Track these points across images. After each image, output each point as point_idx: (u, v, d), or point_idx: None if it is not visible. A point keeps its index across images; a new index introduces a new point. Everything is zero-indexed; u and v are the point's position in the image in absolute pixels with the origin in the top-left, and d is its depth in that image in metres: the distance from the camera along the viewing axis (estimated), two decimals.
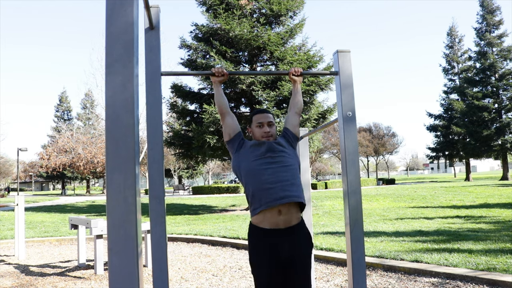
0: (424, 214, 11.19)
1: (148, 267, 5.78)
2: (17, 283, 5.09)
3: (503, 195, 16.35)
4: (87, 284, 4.98)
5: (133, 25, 1.23)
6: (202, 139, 13.08)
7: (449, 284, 4.30)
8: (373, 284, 4.48)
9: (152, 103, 2.00)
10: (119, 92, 1.20)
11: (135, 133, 1.21)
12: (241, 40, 13.39)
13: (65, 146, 39.66)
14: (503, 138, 35.29)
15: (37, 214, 16.53)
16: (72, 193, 54.91)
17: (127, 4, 1.23)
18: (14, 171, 57.22)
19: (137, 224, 1.18)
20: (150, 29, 2.04)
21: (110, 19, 1.22)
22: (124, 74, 1.21)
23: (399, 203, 15.60)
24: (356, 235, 2.12)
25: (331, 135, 48.32)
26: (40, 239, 8.95)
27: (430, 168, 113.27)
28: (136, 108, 1.22)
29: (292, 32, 14.50)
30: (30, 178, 66.84)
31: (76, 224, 6.32)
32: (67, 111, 57.98)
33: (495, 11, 37.53)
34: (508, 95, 36.51)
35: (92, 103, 51.84)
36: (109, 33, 1.22)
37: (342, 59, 2.26)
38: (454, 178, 47.94)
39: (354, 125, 2.20)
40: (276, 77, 13.55)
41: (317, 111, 13.85)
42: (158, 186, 1.98)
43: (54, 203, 25.66)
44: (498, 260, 4.98)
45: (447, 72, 41.32)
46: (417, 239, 6.87)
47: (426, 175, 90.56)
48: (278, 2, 13.99)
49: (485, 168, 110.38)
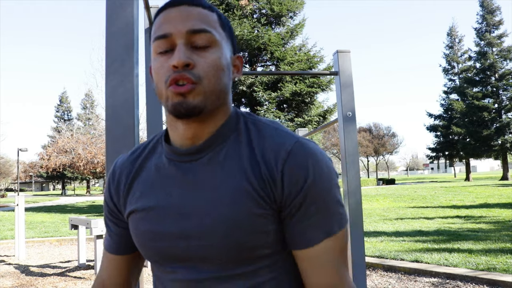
0: (424, 214, 11.19)
1: (148, 267, 5.78)
2: (17, 283, 5.09)
3: (503, 195, 16.34)
4: (87, 284, 4.98)
5: (133, 25, 1.23)
6: None
7: (449, 284, 4.30)
8: (373, 284, 4.48)
9: (152, 103, 2.00)
10: (119, 92, 1.20)
11: (135, 133, 1.21)
12: (242, 41, 13.40)
13: (65, 147, 39.62)
14: (503, 138, 35.29)
15: (37, 214, 16.53)
16: (72, 193, 54.92)
17: (127, 4, 1.23)
18: (14, 171, 57.21)
19: None
20: (150, 29, 2.04)
21: (110, 19, 1.22)
22: (124, 74, 1.21)
23: (399, 203, 15.60)
24: (356, 235, 2.12)
25: (331, 135, 48.32)
26: (40, 239, 8.95)
27: (430, 168, 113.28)
28: (136, 108, 1.22)
29: (293, 33, 14.51)
30: (30, 179, 66.87)
31: (76, 224, 6.32)
32: (67, 111, 58.02)
33: (495, 11, 37.53)
34: (508, 95, 36.50)
35: (92, 103, 51.84)
36: (109, 33, 1.22)
37: (342, 59, 2.26)
38: (454, 178, 47.93)
39: (354, 125, 2.19)
40: (278, 78, 13.55)
41: (317, 111, 13.86)
42: None
43: (54, 203, 25.67)
44: (498, 260, 4.98)
45: (447, 72, 41.33)
46: (417, 239, 6.87)
47: (426, 175, 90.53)
48: (278, 2, 14.00)
49: (485, 168, 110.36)
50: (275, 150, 0.68)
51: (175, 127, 0.72)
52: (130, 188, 0.76)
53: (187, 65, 0.66)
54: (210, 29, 0.69)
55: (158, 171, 0.74)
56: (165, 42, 0.68)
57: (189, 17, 0.68)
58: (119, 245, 0.81)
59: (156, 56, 0.69)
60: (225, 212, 0.67)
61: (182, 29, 0.67)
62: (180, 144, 0.72)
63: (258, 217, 0.67)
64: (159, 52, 0.69)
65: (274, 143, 0.68)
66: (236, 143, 0.71)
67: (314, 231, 0.67)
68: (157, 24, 0.70)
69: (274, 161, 0.67)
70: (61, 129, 45.88)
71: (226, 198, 0.67)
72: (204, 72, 0.67)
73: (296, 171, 0.66)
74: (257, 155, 0.68)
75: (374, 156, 60.82)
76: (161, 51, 0.68)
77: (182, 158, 0.72)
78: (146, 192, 0.74)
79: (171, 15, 0.68)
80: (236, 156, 0.70)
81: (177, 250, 0.70)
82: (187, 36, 0.67)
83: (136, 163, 0.78)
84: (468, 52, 40.14)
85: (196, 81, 0.66)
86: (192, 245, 0.69)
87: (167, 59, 0.67)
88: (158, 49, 0.69)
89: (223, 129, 0.72)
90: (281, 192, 0.67)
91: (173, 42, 0.67)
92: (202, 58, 0.67)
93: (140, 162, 0.77)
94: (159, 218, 0.71)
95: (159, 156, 0.76)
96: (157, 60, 0.69)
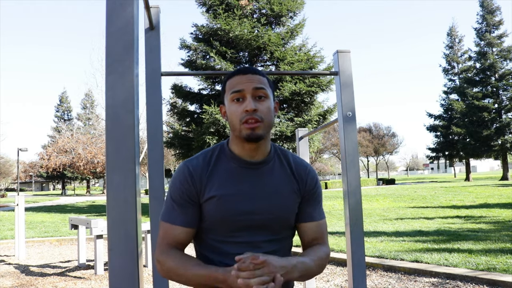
0: (424, 214, 11.19)
1: (148, 267, 5.77)
2: (17, 283, 5.09)
3: (503, 195, 16.34)
4: (87, 284, 4.98)
5: (133, 25, 1.23)
6: (202, 140, 13.08)
7: (449, 284, 4.30)
8: (373, 284, 4.48)
9: (152, 104, 2.00)
10: (119, 92, 1.20)
11: (135, 133, 1.21)
12: (241, 41, 13.39)
13: (65, 146, 39.64)
14: (503, 138, 35.28)
15: (37, 214, 16.53)
16: (72, 193, 54.90)
17: (127, 4, 1.23)
18: (14, 171, 57.19)
19: (137, 224, 1.18)
20: (150, 29, 2.04)
21: (110, 19, 1.22)
22: (124, 74, 1.21)
23: (399, 203, 15.59)
24: (356, 235, 2.12)
25: (331, 135, 48.32)
26: (40, 239, 8.95)
27: (430, 168, 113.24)
28: (136, 108, 1.22)
29: (293, 33, 14.50)
30: (30, 178, 66.85)
31: (76, 224, 6.32)
32: (67, 111, 58.01)
33: (495, 11, 37.52)
34: (508, 95, 36.50)
35: (92, 103, 51.83)
36: (109, 33, 1.22)
37: (342, 59, 2.25)
38: (454, 178, 47.91)
39: (354, 125, 2.19)
40: (277, 77, 13.55)
41: (317, 111, 13.85)
42: (158, 186, 1.98)
43: (54, 203, 25.66)
44: (498, 260, 4.98)
45: (447, 72, 41.32)
46: (417, 239, 6.87)
47: (426, 175, 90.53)
48: (278, 2, 13.99)
49: (485, 168, 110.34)
50: (303, 169, 1.25)
51: (241, 146, 1.16)
52: (207, 182, 1.15)
53: (254, 110, 1.10)
54: (265, 87, 1.14)
55: (230, 171, 1.17)
56: (238, 94, 1.13)
57: (253, 80, 1.13)
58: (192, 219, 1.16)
59: (232, 103, 1.14)
60: (279, 200, 1.18)
61: (250, 87, 1.12)
62: (243, 156, 1.17)
63: (295, 204, 1.21)
64: (235, 99, 1.13)
65: (301, 165, 1.25)
66: (279, 160, 1.23)
67: (317, 213, 1.25)
68: (232, 83, 1.14)
69: (304, 175, 1.24)
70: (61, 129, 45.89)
71: (280, 191, 1.18)
72: (264, 114, 1.12)
73: (312, 179, 1.25)
74: (294, 171, 1.23)
75: (374, 156, 60.80)
76: (235, 99, 1.13)
77: (250, 166, 1.17)
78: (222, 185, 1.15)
79: (242, 79, 1.13)
80: (282, 169, 1.22)
81: (247, 222, 1.15)
82: (253, 91, 1.12)
83: (210, 165, 1.18)
84: (468, 52, 40.12)
85: (260, 120, 1.10)
86: (256, 219, 1.15)
87: (240, 105, 1.12)
88: (234, 98, 1.13)
89: (271, 151, 1.21)
90: (304, 189, 1.23)
91: (244, 95, 1.12)
92: (261, 105, 1.12)
93: (212, 165, 1.18)
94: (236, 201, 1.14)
95: (227, 162, 1.18)
96: (233, 106, 1.13)
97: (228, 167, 1.17)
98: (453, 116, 39.39)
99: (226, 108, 1.16)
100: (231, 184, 1.15)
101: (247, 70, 1.14)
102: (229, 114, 1.14)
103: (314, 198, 1.24)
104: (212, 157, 1.19)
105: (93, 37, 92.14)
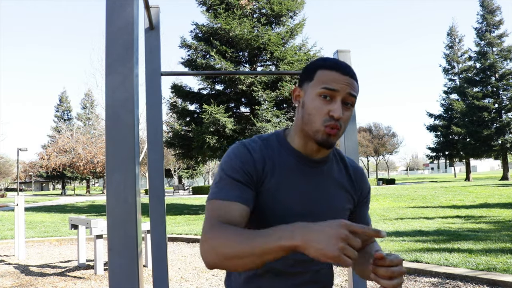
0: (424, 214, 11.19)
1: (148, 267, 5.77)
2: (17, 283, 5.09)
3: (503, 195, 16.34)
4: (87, 284, 4.98)
5: (133, 25, 1.23)
6: (202, 139, 13.08)
7: (449, 284, 4.30)
8: (373, 284, 4.48)
9: (152, 103, 2.00)
10: (119, 92, 1.20)
11: (135, 133, 1.21)
12: (241, 40, 13.39)
13: (65, 146, 39.67)
14: (503, 138, 35.29)
15: (37, 214, 16.53)
16: (72, 193, 54.91)
17: (127, 4, 1.23)
18: (14, 171, 57.21)
19: (137, 224, 1.18)
20: (150, 29, 2.04)
21: (110, 19, 1.22)
22: (124, 74, 1.20)
23: (399, 203, 15.60)
24: None
25: None
26: (40, 239, 8.95)
27: (430, 168, 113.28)
28: (136, 108, 1.22)
29: (293, 32, 14.50)
30: (30, 178, 66.89)
31: (76, 224, 6.32)
32: (67, 111, 58.00)
33: (495, 11, 37.54)
34: (508, 95, 36.51)
35: (92, 103, 51.88)
36: (109, 33, 1.22)
37: (342, 59, 2.25)
38: (454, 178, 47.93)
39: (354, 125, 2.19)
40: (277, 78, 13.55)
41: None
42: (158, 186, 1.97)
43: (54, 203, 25.67)
44: (498, 260, 4.98)
45: (447, 72, 41.32)
46: (417, 239, 6.87)
47: (426, 175, 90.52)
48: (278, 2, 13.99)
49: (485, 168, 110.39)
50: (360, 173, 1.20)
51: (305, 142, 1.07)
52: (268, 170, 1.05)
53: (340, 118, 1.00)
54: (356, 96, 1.04)
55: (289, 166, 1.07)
56: (330, 93, 1.00)
57: (350, 85, 1.01)
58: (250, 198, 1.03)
59: (318, 97, 1.01)
60: (335, 202, 1.12)
61: (345, 90, 1.00)
62: (304, 152, 1.09)
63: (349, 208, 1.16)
64: (322, 96, 1.01)
65: (358, 168, 1.20)
66: (336, 161, 1.16)
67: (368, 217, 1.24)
68: (328, 77, 1.01)
69: (360, 179, 1.19)
70: (61, 129, 45.92)
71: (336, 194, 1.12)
72: (344, 124, 1.03)
73: (366, 183, 1.21)
74: (351, 174, 1.17)
75: (374, 156, 60.82)
76: (324, 96, 1.01)
77: (310, 164, 1.09)
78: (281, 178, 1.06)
79: (340, 78, 1.01)
80: (339, 170, 1.16)
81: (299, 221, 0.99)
82: (345, 96, 1.01)
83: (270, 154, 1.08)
84: (468, 52, 40.13)
85: (339, 128, 1.01)
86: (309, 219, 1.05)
87: (326, 104, 1.00)
88: (322, 94, 1.01)
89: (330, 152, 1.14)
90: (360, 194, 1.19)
91: (335, 96, 1.01)
92: (346, 113, 1.02)
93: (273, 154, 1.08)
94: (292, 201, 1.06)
95: (287, 156, 1.08)
96: (317, 100, 1.01)
97: (287, 161, 1.08)
98: (453, 116, 39.40)
99: (306, 98, 1.04)
100: (290, 180, 1.07)
101: (348, 71, 1.02)
102: (309, 107, 1.02)
103: (365, 202, 1.21)
104: (272, 146, 1.10)
105: (93, 37, 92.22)
